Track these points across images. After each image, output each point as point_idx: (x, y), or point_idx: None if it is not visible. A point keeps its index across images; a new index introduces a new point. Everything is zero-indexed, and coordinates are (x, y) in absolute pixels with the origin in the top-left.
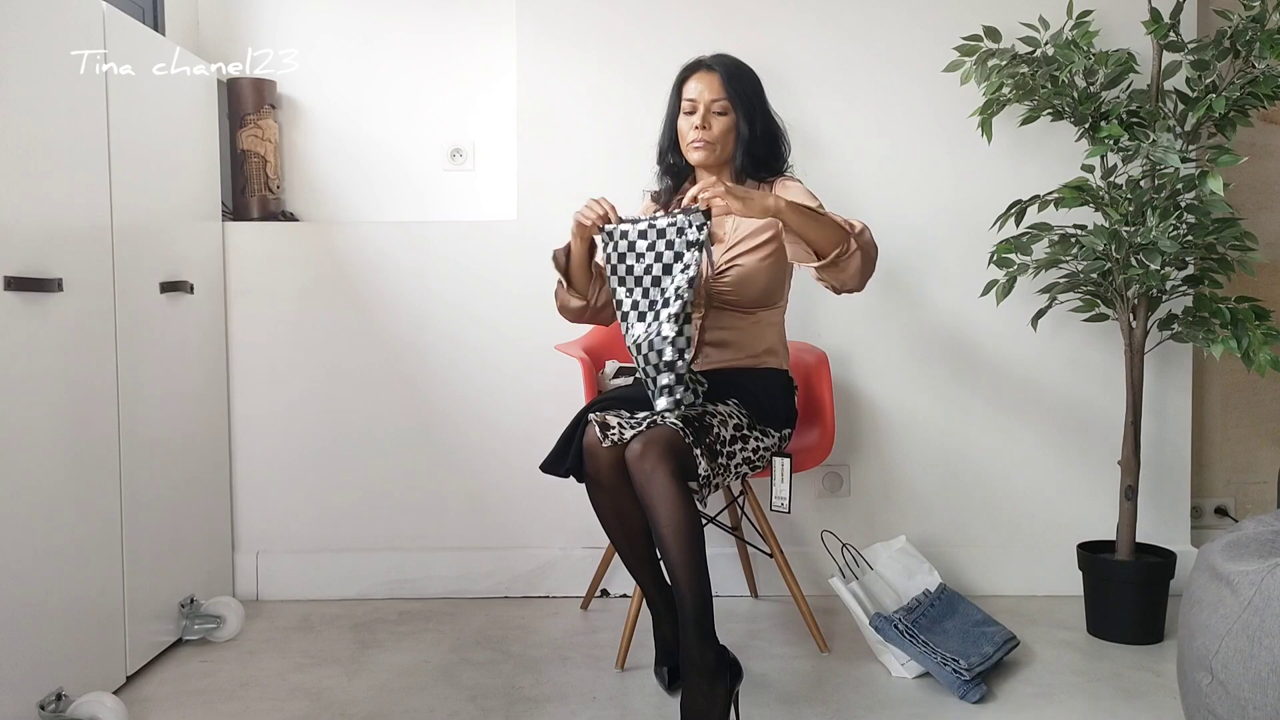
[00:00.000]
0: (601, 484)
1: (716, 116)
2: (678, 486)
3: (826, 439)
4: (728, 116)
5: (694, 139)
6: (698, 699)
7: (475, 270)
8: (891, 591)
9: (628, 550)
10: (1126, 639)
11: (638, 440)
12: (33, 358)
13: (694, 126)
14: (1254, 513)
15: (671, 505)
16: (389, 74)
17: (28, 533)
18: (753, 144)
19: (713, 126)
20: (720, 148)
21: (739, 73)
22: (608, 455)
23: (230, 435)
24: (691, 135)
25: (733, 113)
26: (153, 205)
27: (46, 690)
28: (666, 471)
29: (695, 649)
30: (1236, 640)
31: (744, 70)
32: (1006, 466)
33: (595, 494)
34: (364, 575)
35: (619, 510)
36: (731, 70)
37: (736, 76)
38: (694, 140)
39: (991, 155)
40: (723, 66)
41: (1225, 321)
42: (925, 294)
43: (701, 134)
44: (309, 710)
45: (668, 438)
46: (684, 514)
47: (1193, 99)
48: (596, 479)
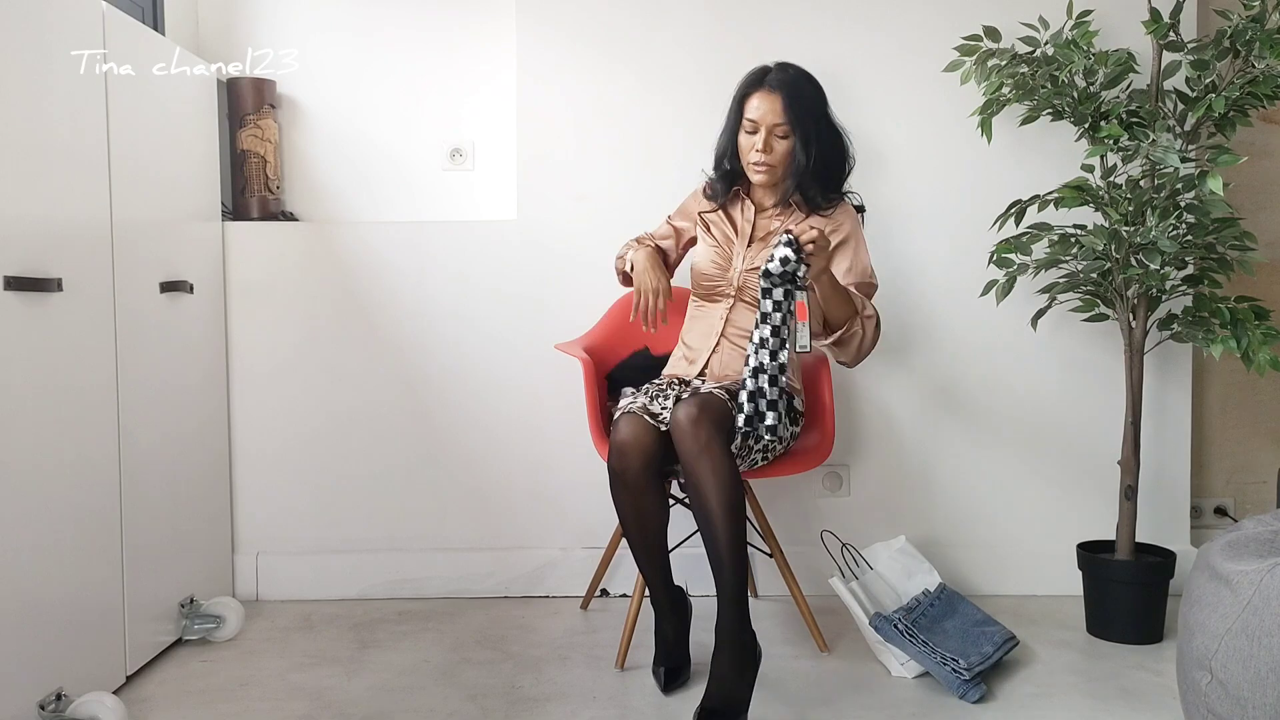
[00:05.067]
0: (627, 482)
1: (778, 140)
2: (731, 463)
3: (826, 439)
4: (788, 141)
5: (755, 161)
6: (731, 673)
7: (475, 270)
8: (891, 591)
9: (641, 548)
10: (1126, 639)
11: (689, 406)
12: (33, 358)
13: (755, 149)
14: (1253, 513)
15: (726, 481)
16: (389, 74)
17: (28, 533)
18: (807, 171)
19: (774, 150)
20: (781, 169)
21: (801, 94)
22: (639, 456)
23: (230, 435)
24: (754, 157)
25: (793, 137)
26: (153, 205)
27: (46, 690)
28: (720, 446)
29: (735, 626)
30: (1236, 640)
31: (806, 89)
32: (1006, 466)
33: (619, 491)
34: (364, 575)
35: (640, 509)
36: (794, 92)
37: (798, 99)
38: (756, 163)
39: (991, 155)
40: (785, 88)
41: (1225, 321)
42: (925, 293)
43: (764, 157)
44: (309, 710)
45: (719, 408)
46: (736, 491)
47: (1192, 99)
48: (624, 477)
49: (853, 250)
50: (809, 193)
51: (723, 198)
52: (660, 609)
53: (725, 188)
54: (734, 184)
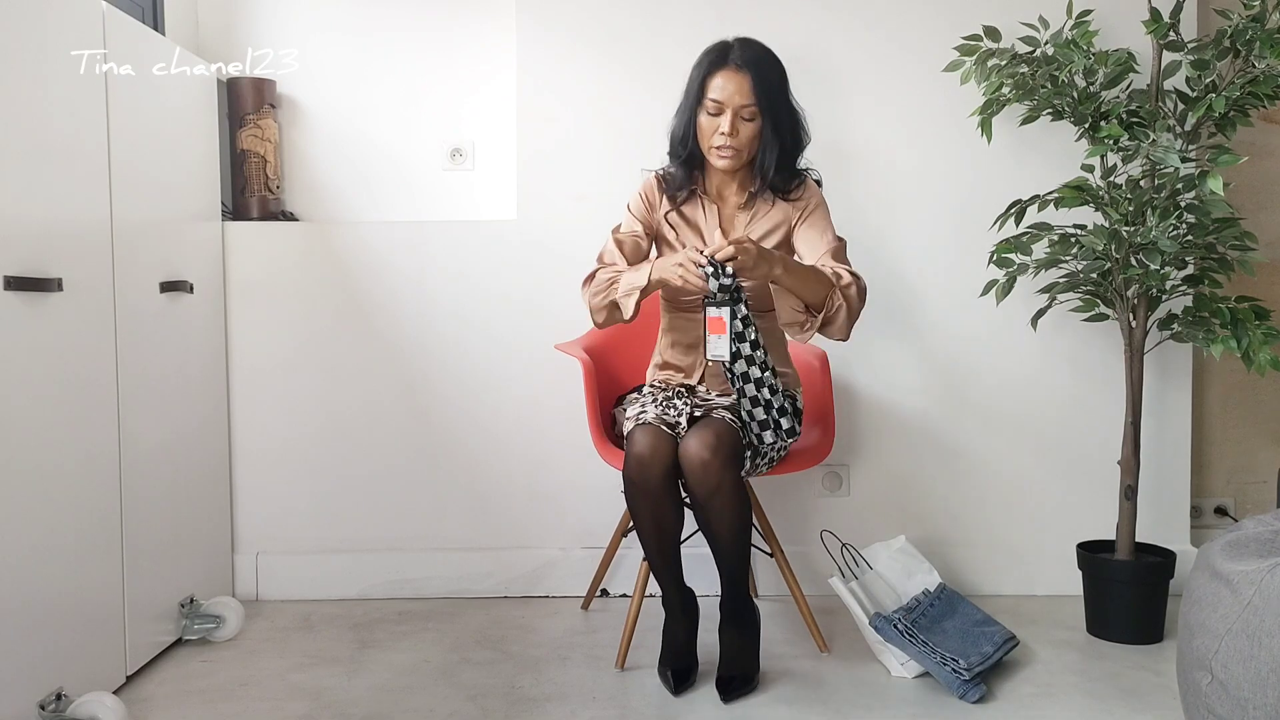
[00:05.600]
0: (648, 491)
1: (744, 122)
2: (742, 495)
3: (826, 439)
4: (755, 123)
5: (720, 145)
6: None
7: (475, 270)
8: (891, 591)
9: (656, 552)
10: (1126, 639)
11: (700, 445)
12: (33, 358)
13: (720, 131)
14: (1254, 512)
15: (735, 513)
16: (389, 73)
17: (28, 533)
18: (783, 152)
19: (740, 133)
20: (746, 153)
21: (768, 73)
22: (659, 466)
23: (230, 435)
24: (718, 140)
25: (761, 119)
26: (153, 205)
27: (46, 690)
28: (732, 484)
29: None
30: (1236, 640)
31: (772, 68)
32: (1006, 466)
33: (638, 500)
34: (364, 575)
35: (658, 517)
36: (761, 71)
37: (766, 78)
38: (720, 147)
39: (991, 155)
40: (753, 67)
41: (1225, 321)
42: (925, 293)
43: (729, 140)
44: (309, 710)
45: (731, 442)
46: (745, 518)
47: (1193, 99)
48: (644, 487)
49: (820, 225)
50: (773, 179)
51: (684, 188)
52: (672, 610)
53: (685, 176)
54: (693, 170)
